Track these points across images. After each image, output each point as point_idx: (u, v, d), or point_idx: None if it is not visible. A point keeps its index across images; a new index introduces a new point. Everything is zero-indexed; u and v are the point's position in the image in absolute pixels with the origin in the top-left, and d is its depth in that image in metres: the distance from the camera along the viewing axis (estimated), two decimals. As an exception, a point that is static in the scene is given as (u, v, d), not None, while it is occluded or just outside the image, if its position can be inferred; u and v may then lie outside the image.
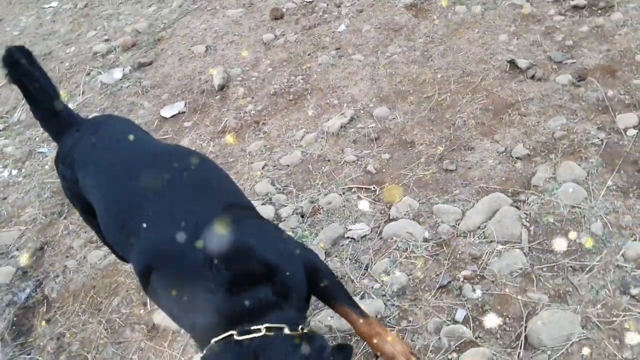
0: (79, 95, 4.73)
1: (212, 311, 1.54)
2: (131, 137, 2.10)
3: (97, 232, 2.34)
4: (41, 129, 4.42)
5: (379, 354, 2.03)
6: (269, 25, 4.60)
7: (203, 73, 4.39)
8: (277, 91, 3.89)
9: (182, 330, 2.59)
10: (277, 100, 3.83)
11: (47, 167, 4.04)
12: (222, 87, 4.12)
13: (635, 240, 2.28)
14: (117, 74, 4.78)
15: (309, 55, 4.08)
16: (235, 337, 1.47)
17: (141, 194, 1.79)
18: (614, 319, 2.08)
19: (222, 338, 1.48)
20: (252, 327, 1.49)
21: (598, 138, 2.75)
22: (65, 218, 3.56)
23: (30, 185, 3.95)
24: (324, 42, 4.14)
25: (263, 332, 1.48)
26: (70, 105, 4.55)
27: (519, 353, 2.09)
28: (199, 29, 4.98)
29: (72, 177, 2.08)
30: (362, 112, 3.46)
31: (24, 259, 3.35)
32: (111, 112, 4.41)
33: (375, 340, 1.98)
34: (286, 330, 1.52)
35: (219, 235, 1.63)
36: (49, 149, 4.26)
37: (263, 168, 3.31)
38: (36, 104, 2.19)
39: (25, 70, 2.07)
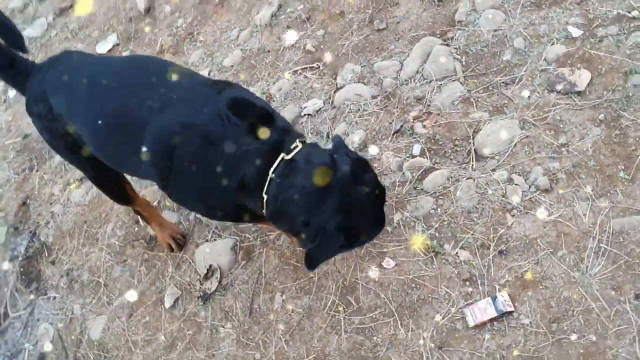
0: (9, 55, 4.67)
1: (256, 154, 1.77)
2: (93, 59, 2.17)
3: (81, 166, 2.39)
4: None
5: None
6: (176, -63, 4.54)
7: (126, 1, 4.36)
8: (203, -1, 3.93)
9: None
10: (205, 8, 3.88)
11: (3, 129, 4.09)
12: (148, 10, 4.13)
13: (553, 44, 2.52)
14: (42, 25, 4.70)
15: (223, -44, 4.09)
16: (286, 158, 1.76)
17: (130, 96, 1.88)
18: (547, 114, 2.35)
19: (277, 165, 1.76)
20: (292, 147, 1.78)
21: (508, -38, 2.93)
22: (37, 171, 3.68)
23: (-9, 151, 4.02)
24: (235, -61, 4.13)
25: (300, 146, 1.79)
26: (4, 67, 4.54)
27: (472, 165, 2.37)
28: (108, -42, 4.87)
29: (47, 110, 2.08)
30: (288, -3, 3.55)
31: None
32: (47, 62, 4.40)
33: None
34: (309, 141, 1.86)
35: (221, 96, 1.83)
36: (-3, 113, 4.29)
37: (209, 74, 3.43)
38: None
39: None
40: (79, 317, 2.87)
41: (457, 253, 2.19)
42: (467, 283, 2.12)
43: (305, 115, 2.92)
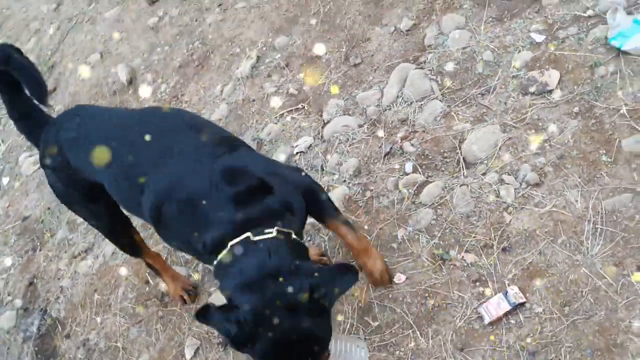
0: (0, 144, 4.80)
1: (226, 222, 1.72)
2: (108, 111, 2.25)
3: (94, 217, 2.42)
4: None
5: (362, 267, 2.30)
6: (149, 11, 4.74)
7: (108, 77, 4.53)
8: (182, 63, 4.10)
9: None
10: (185, 71, 4.04)
11: (1, 215, 4.15)
12: (130, 81, 4.29)
13: (519, 52, 2.68)
14: (27, 111, 4.84)
15: (196, 21, 4.28)
16: (252, 238, 1.68)
17: (140, 150, 1.93)
18: (525, 115, 2.48)
19: (239, 240, 1.69)
20: (265, 230, 1.70)
21: (465, -14, 3.12)
22: (40, 250, 3.73)
23: (-8, 239, 4.07)
24: (205, 4, 4.34)
25: (274, 234, 1.70)
26: (-4, 156, 4.66)
27: (463, 173, 2.47)
28: (86, 41, 5.06)
29: (63, 163, 2.14)
30: (264, 49, 3.72)
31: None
32: (38, 146, 4.52)
33: (361, 255, 2.26)
34: (294, 236, 1.76)
35: (219, 162, 1.82)
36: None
37: (199, 130, 3.55)
38: (15, 104, 2.21)
39: (17, 63, 2.06)
40: (101, 385, 2.88)
41: (463, 257, 2.26)
42: (478, 283, 2.19)
43: (298, 153, 3.03)
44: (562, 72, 2.51)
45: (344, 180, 2.75)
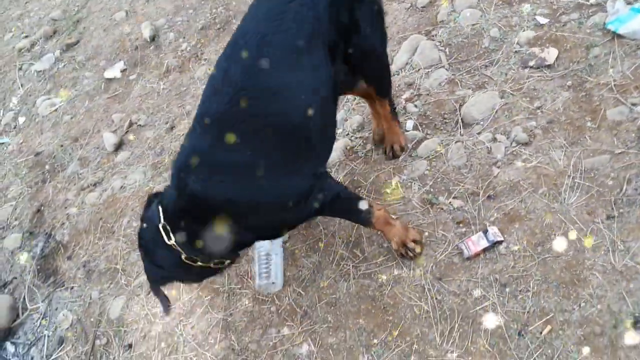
0: (19, 88, 4.98)
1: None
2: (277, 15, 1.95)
3: None
4: None
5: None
6: (178, -23, 4.96)
7: (131, 34, 4.73)
8: (205, 25, 4.30)
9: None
10: (207, 32, 4.25)
11: (15, 150, 4.33)
12: (153, 38, 4.49)
13: (524, 31, 2.88)
14: (49, 59, 5.04)
15: (223, -12, 4.50)
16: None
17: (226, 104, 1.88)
18: (522, 86, 2.68)
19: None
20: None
21: (480, -29, 3.34)
22: (50, 182, 3.90)
23: (4, 170, 4.24)
24: (233, -26, 4.56)
25: (173, 242, 1.96)
26: (14, 100, 4.84)
27: (460, 132, 2.66)
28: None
29: None
30: (284, 17, 3.92)
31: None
32: (56, 91, 4.71)
33: (385, 231, 2.35)
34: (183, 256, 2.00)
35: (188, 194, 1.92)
36: (9, 139, 4.54)
37: (215, 84, 3.75)
38: None
39: None
40: (97, 301, 3.03)
41: (450, 202, 2.45)
42: (461, 225, 2.37)
43: (305, 109, 3.22)
44: (561, 50, 2.71)
45: (347, 134, 2.94)
